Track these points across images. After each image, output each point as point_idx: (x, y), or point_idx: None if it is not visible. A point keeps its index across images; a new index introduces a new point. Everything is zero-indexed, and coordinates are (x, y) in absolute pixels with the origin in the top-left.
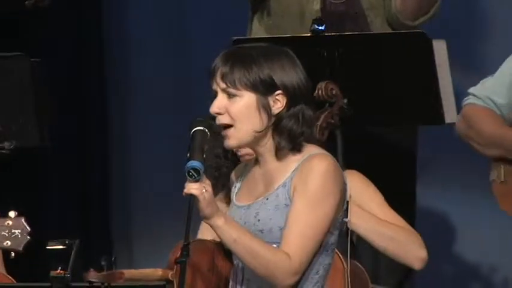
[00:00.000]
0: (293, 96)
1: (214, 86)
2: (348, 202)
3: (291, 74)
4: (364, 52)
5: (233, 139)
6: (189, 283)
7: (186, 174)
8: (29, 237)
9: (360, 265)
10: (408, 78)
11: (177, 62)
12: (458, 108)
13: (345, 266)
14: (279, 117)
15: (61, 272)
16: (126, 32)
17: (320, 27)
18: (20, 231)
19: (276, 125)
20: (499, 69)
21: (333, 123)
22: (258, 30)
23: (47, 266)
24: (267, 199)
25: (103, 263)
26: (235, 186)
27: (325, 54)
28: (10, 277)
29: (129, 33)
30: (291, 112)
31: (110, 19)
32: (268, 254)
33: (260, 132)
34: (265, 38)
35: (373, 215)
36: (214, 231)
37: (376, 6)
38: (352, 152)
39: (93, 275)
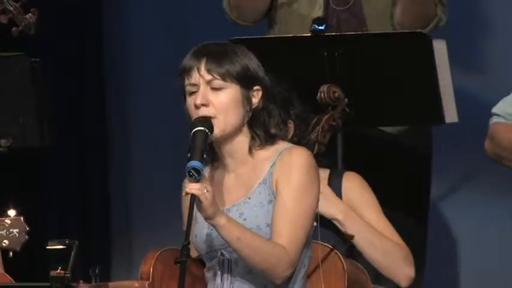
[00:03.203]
0: (267, 92)
1: (194, 80)
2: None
3: (262, 71)
4: (364, 52)
5: (216, 129)
6: None
7: (187, 174)
8: (27, 237)
9: (360, 265)
10: (408, 78)
11: (177, 62)
12: (458, 108)
13: (345, 266)
14: (254, 111)
15: (61, 272)
16: (126, 32)
17: (320, 27)
18: (18, 230)
19: (252, 119)
20: None
21: (335, 126)
22: None
23: (47, 266)
24: (249, 198)
25: (91, 274)
26: None
27: (325, 54)
28: (9, 277)
29: (129, 33)
30: (265, 106)
31: (110, 19)
32: (269, 248)
33: (241, 125)
34: (264, 37)
35: (368, 224)
36: (217, 230)
37: (382, 15)
38: (361, 154)
39: (83, 286)
